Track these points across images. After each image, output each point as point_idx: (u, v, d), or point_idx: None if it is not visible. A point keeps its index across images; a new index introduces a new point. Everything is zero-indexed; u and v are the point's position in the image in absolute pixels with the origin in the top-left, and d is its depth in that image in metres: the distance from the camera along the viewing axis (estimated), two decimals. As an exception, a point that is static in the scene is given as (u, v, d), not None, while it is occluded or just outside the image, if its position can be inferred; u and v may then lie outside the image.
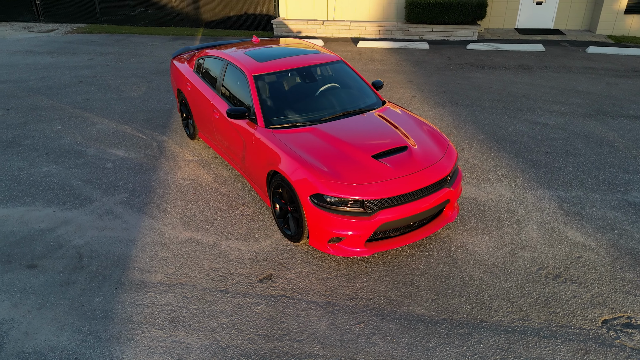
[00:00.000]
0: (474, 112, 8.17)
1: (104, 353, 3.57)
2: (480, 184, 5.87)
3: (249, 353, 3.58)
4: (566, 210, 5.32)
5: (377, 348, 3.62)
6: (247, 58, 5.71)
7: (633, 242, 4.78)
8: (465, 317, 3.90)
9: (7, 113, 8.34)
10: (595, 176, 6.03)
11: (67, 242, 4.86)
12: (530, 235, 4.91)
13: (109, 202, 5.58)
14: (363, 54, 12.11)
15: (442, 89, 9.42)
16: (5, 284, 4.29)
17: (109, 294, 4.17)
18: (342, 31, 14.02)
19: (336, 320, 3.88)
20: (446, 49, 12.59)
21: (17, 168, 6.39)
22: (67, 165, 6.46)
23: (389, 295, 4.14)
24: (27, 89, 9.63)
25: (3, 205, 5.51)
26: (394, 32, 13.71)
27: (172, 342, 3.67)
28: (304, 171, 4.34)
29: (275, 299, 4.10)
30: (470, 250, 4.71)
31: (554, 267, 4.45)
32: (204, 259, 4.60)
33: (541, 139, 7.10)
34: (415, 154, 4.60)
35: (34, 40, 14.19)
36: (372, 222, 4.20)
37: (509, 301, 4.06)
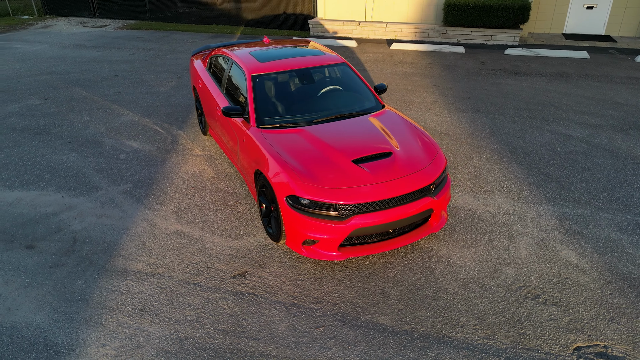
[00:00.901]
0: (494, 120, 7.88)
1: (71, 334, 3.78)
2: (481, 195, 5.66)
3: (205, 347, 3.66)
4: (566, 228, 5.04)
5: (330, 354, 3.60)
6: (250, 58, 5.81)
7: (632, 266, 4.46)
8: (429, 330, 3.81)
9: (44, 102, 8.92)
10: (609, 194, 5.67)
11: (67, 227, 5.16)
12: (520, 251, 4.69)
13: (113, 191, 5.86)
14: (394, 56, 11.95)
15: (467, 94, 9.15)
16: (3, 261, 4.62)
17: (90, 278, 4.39)
18: (378, 32, 13.90)
19: (297, 322, 3.90)
20: (482, 53, 12.19)
21: (40, 154, 6.84)
22: (85, 154, 6.84)
23: (356, 302, 4.10)
24: (67, 80, 10.26)
25: (19, 189, 5.92)
26: (431, 34, 13.43)
27: (136, 330, 3.82)
28: (282, 172, 4.38)
29: (243, 296, 4.17)
30: (452, 262, 4.57)
31: (536, 286, 4.24)
32: (186, 252, 4.74)
33: (560, 152, 6.74)
34: (398, 160, 4.52)
35: (86, 34, 15.06)
36: (345, 226, 4.18)
37: (478, 318, 3.92)
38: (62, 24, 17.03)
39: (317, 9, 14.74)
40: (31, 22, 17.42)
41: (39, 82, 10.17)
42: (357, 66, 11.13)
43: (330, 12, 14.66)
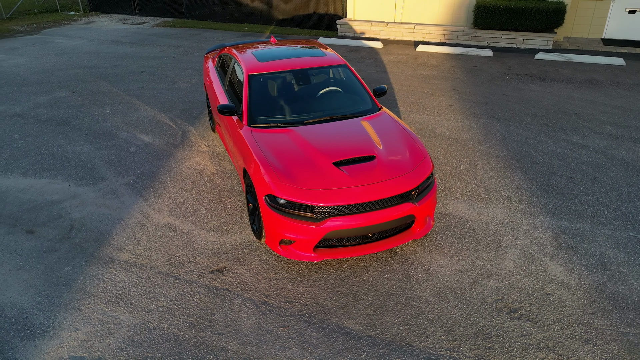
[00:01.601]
0: (508, 127, 7.64)
1: (49, 317, 3.97)
2: (477, 204, 5.52)
3: (170, 338, 3.77)
4: (560, 242, 4.84)
5: (289, 354, 3.62)
6: (251, 57, 5.90)
7: (622, 286, 4.24)
8: (393, 337, 3.76)
9: (71, 95, 9.37)
10: (615, 209, 5.39)
11: (67, 214, 5.42)
12: (505, 264, 4.55)
13: (117, 182, 6.09)
14: (418, 58, 11.78)
15: (485, 99, 8.91)
16: (3, 244, 4.91)
17: (78, 265, 4.60)
18: (406, 34, 13.73)
19: (263, 320, 3.94)
20: (511, 57, 11.82)
21: (57, 144, 7.20)
22: (98, 145, 7.15)
23: (326, 304, 4.10)
24: (97, 74, 10.72)
25: (32, 176, 6.26)
26: (460, 37, 13.14)
27: (109, 317, 3.97)
28: (263, 171, 4.44)
29: (217, 291, 4.25)
30: (432, 270, 4.48)
31: (514, 300, 4.10)
32: (171, 245, 4.88)
33: (571, 162, 6.46)
34: (380, 164, 4.47)
35: (124, 31, 15.67)
36: (320, 228, 4.18)
37: (446, 329, 3.83)
38: (103, 20, 17.79)
39: (347, 9, 14.73)
40: (76, 18, 18.29)
41: (71, 75, 10.69)
42: (378, 67, 11.05)
43: (359, 13, 14.61)
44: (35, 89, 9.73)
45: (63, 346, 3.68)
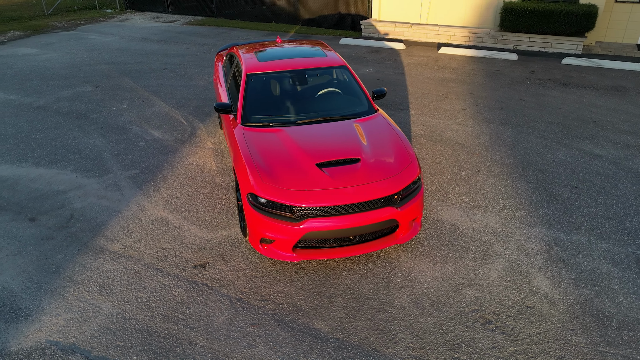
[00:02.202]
0: (519, 134, 7.42)
1: (35, 301, 4.16)
2: (472, 211, 5.40)
3: (143, 328, 3.88)
4: (552, 255, 4.68)
5: (254, 351, 3.66)
6: (252, 57, 5.97)
7: (610, 304, 4.06)
8: (360, 341, 3.74)
9: (94, 90, 9.73)
10: (617, 222, 5.16)
11: (69, 204, 5.64)
12: (489, 274, 4.44)
13: (121, 175, 6.30)
14: (439, 61, 11.59)
15: (500, 104, 8.68)
16: (6, 230, 5.17)
17: (70, 253, 4.79)
18: (430, 35, 13.53)
19: (235, 316, 4.00)
20: (536, 61, 11.46)
21: (72, 137, 7.50)
22: (110, 139, 7.40)
23: (300, 304, 4.12)
24: (121, 70, 11.09)
25: (44, 166, 6.55)
26: (485, 39, 12.84)
27: (89, 304, 4.12)
28: (247, 169, 4.50)
29: (196, 286, 4.34)
30: (412, 276, 4.43)
31: (492, 312, 4.00)
32: (161, 238, 5.01)
33: (579, 172, 6.22)
34: (364, 167, 4.45)
35: (155, 29, 16.12)
36: (298, 229, 4.20)
37: (416, 336, 3.78)
38: (137, 18, 18.35)
39: (372, 10, 14.64)
40: (112, 15, 18.94)
41: (97, 71, 11.09)
42: (396, 69, 10.95)
43: (385, 13, 14.50)
44: (61, 83, 10.15)
45: (42, 330, 3.85)
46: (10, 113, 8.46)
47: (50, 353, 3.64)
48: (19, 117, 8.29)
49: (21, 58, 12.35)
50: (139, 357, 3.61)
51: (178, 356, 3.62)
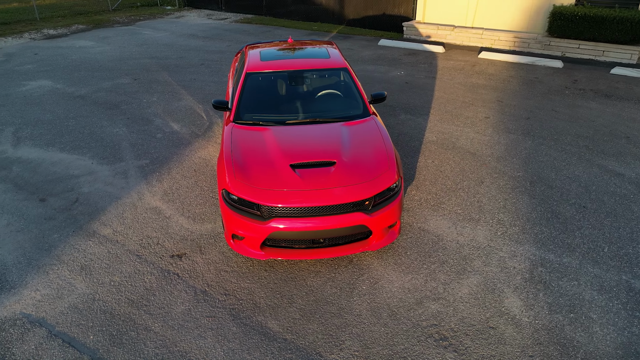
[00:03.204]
0: (539, 146, 7.04)
1: (21, 275, 4.50)
2: (462, 223, 5.21)
3: (107, 310, 4.09)
4: (533, 275, 4.42)
5: (202, 343, 3.76)
6: (257, 56, 6.09)
7: (581, 333, 3.79)
8: (307, 344, 3.74)
9: (132, 82, 10.29)
10: (619, 247, 4.78)
11: (78, 188, 6.03)
12: (460, 289, 4.27)
13: (131, 164, 6.64)
14: (476, 66, 11.19)
15: (528, 114, 8.26)
16: (17, 207, 5.61)
17: (65, 234, 5.13)
18: (473, 39, 13.07)
19: (195, 307, 4.12)
20: (583, 70, 10.76)
21: (99, 125, 7.98)
22: (133, 129, 7.81)
23: (260, 302, 4.17)
24: (162, 65, 11.63)
25: (67, 152, 7.03)
26: (532, 45, 12.22)
27: (67, 283, 4.40)
28: (224, 166, 4.61)
29: (167, 275, 4.51)
30: (379, 285, 4.35)
31: (450, 328, 3.86)
32: (149, 227, 5.24)
33: (593, 190, 5.82)
34: (338, 171, 4.42)
35: (204, 26, 16.73)
36: (265, 227, 4.26)
37: (364, 345, 3.72)
38: (192, 15, 19.12)
39: (416, 12, 14.37)
40: (169, 12, 19.86)
41: (140, 64, 11.70)
42: (429, 73, 10.69)
43: (429, 15, 14.18)
44: (105, 75, 10.81)
45: (19, 302, 4.16)
46: (53, 101, 9.13)
47: (20, 324, 3.93)
48: (59, 104, 8.92)
49: (77, 50, 13.25)
50: (96, 337, 3.81)
51: (131, 340, 3.79)
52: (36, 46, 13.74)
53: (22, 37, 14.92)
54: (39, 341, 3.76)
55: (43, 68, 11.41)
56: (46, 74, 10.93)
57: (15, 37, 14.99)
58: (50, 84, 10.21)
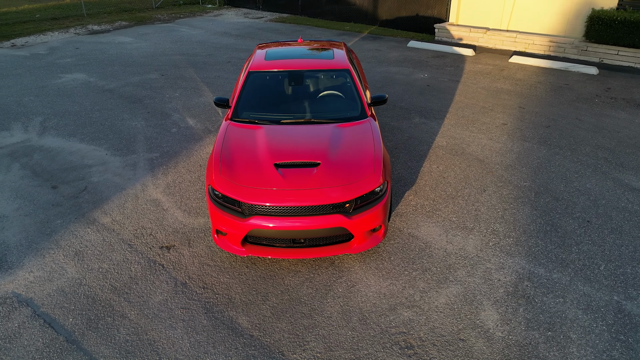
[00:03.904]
0: (553, 155, 6.76)
1: (20, 257, 4.77)
2: (455, 231, 5.09)
3: (90, 296, 4.28)
4: (517, 289, 4.27)
5: (171, 333, 3.87)
6: (262, 55, 6.17)
7: (555, 352, 3.62)
8: (271, 342, 3.77)
9: (159, 78, 10.64)
10: (616, 266, 4.54)
11: (88, 177, 6.32)
12: (437, 298, 4.18)
13: (142, 157, 6.88)
14: (505, 70, 10.85)
15: (549, 122, 7.94)
16: (30, 193, 5.94)
17: (67, 220, 5.39)
18: (506, 43, 12.67)
19: (172, 298, 4.24)
20: (619, 78, 10.22)
21: (121, 118, 8.32)
22: (150, 123, 8.09)
23: (235, 298, 4.25)
24: (190, 62, 11.96)
25: (86, 142, 7.37)
26: (567, 50, 11.72)
27: (59, 267, 4.63)
28: (212, 162, 4.71)
29: (153, 265, 4.66)
30: (355, 288, 4.33)
31: (419, 337, 3.79)
32: (146, 218, 5.43)
33: (601, 205, 5.54)
34: (320, 172, 4.43)
35: (239, 24, 17.05)
36: (245, 224, 4.32)
37: (328, 347, 3.72)
38: (230, 13, 19.52)
39: (450, 13, 14.07)
40: (209, 10, 20.36)
41: (170, 60, 12.08)
42: (453, 76, 10.46)
43: (463, 17, 13.86)
44: (135, 70, 11.24)
45: (13, 282, 4.42)
46: (82, 93, 9.59)
47: (9, 302, 4.17)
48: (88, 97, 9.36)
49: (116, 45, 13.83)
50: (75, 320, 4.00)
51: (106, 325, 3.95)
52: (79, 41, 14.44)
53: (68, 32, 15.72)
54: (22, 320, 3.98)
55: (81, 62, 11.99)
56: (82, 67, 11.48)
57: (62, 31, 15.81)
58: (84, 77, 10.71)
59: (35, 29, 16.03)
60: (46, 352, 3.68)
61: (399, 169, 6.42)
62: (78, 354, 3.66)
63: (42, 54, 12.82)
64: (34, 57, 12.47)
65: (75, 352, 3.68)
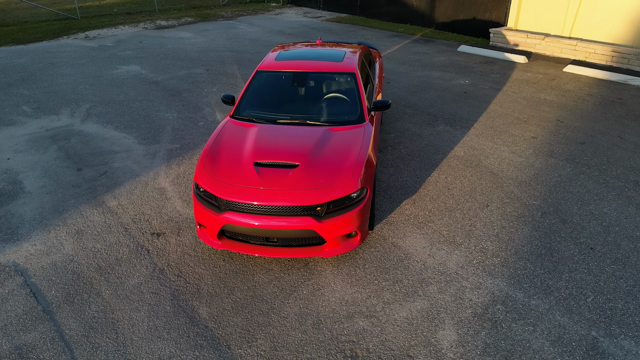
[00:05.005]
0: (577, 175, 6.29)
1: (30, 230, 5.25)
2: (441, 245, 4.93)
3: (76, 272, 4.63)
4: (487, 312, 4.06)
5: (134, 315, 4.11)
6: (274, 55, 6.30)
7: (504, 383, 3.43)
8: (222, 335, 3.89)
9: (204, 73, 11.13)
10: (607, 300, 4.18)
11: (111, 163, 6.79)
12: (398, 312, 4.09)
13: (163, 147, 7.28)
14: (555, 80, 10.19)
15: (586, 138, 7.39)
16: (57, 173, 6.50)
17: (80, 201, 5.85)
18: (565, 51, 11.88)
19: (146, 282, 4.49)
20: (685, 94, 9.25)
21: (156, 109, 8.83)
22: (182, 115, 8.51)
23: (203, 288, 4.41)
24: (237, 58, 12.38)
25: (119, 130, 7.92)
26: (632, 61, 10.77)
27: (59, 243, 5.05)
28: (200, 158, 4.91)
29: (140, 250, 4.95)
30: (320, 292, 4.33)
31: (366, 349, 3.74)
32: (148, 205, 5.75)
33: (613, 232, 5.10)
34: (297, 174, 4.48)
35: (295, 23, 17.35)
36: (219, 218, 4.48)
37: (273, 347, 3.77)
38: (291, 12, 19.90)
39: (508, 17, 13.42)
40: (272, 9, 20.88)
41: (219, 56, 12.58)
42: (495, 84, 10.00)
43: (523, 22, 13.17)
44: (184, 64, 11.83)
45: (16, 253, 4.88)
46: (131, 84, 10.27)
47: (7, 270, 4.62)
48: (135, 87, 10.01)
49: (176, 40, 14.62)
50: (56, 292, 4.35)
51: (81, 300, 4.26)
52: (144, 35, 15.42)
53: (137, 27, 16.82)
54: (13, 287, 4.40)
55: (139, 55, 12.81)
56: (139, 60, 12.27)
57: (132, 26, 16.95)
58: (137, 69, 11.45)
59: (110, 23, 17.31)
60: (23, 319, 4.05)
61: (405, 177, 6.28)
62: (48, 324, 3.99)
63: (109, 46, 13.83)
64: (100, 49, 13.50)
65: (46, 322, 4.01)
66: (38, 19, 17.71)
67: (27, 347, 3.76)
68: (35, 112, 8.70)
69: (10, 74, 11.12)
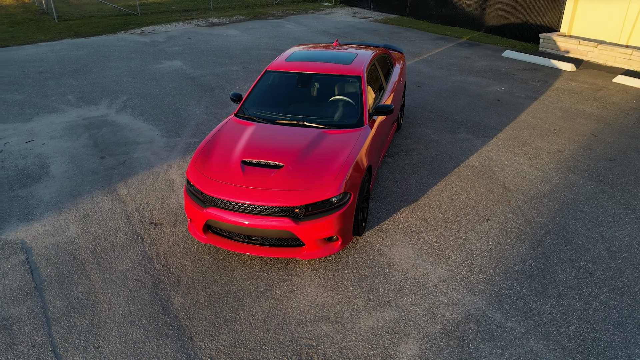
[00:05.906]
0: (596, 194, 5.89)
1: (44, 211, 5.66)
2: (428, 257, 4.80)
3: (73, 253, 4.94)
4: (457, 330, 3.92)
5: (114, 299, 4.32)
6: (285, 56, 6.37)
7: (454, 405, 3.30)
8: (189, 326, 4.01)
9: (240, 70, 11.42)
10: (591, 329, 3.90)
11: (132, 153, 7.16)
12: (365, 320, 4.04)
13: (183, 140, 7.57)
14: (601, 91, 9.55)
15: (617, 155, 6.89)
16: (82, 159, 6.94)
17: (94, 187, 6.21)
18: (619, 60, 11.09)
19: (132, 270, 4.70)
20: None
21: (186, 104, 9.18)
22: (208, 111, 8.80)
23: (183, 279, 4.57)
24: (275, 57, 12.57)
25: (148, 122, 8.31)
26: (693, 74, 9.88)
27: (66, 226, 5.40)
28: (195, 154, 5.07)
29: (135, 238, 5.19)
30: (292, 293, 4.36)
31: (324, 354, 3.72)
32: (155, 195, 6.02)
33: (619, 258, 4.74)
34: (280, 174, 4.52)
35: (343, 23, 17.35)
36: (203, 213, 4.62)
37: (233, 343, 3.85)
38: (340, 12, 19.92)
39: (562, 22, 12.72)
40: (323, 8, 20.99)
41: (258, 54, 12.85)
42: (533, 93, 9.52)
43: (577, 28, 12.43)
44: (224, 61, 12.19)
45: (26, 232, 5.28)
46: (170, 78, 10.73)
47: (14, 247, 5.01)
48: (172, 82, 10.46)
49: (222, 37, 15.09)
50: (51, 271, 4.67)
51: (70, 281, 4.55)
52: (194, 31, 16.02)
53: (190, 23, 17.50)
54: (15, 263, 4.77)
55: (185, 51, 13.34)
56: (183, 56, 12.78)
57: (186, 22, 17.65)
58: (179, 64, 11.94)
59: (166, 19, 18.13)
60: (16, 293, 4.38)
61: (410, 184, 6.15)
62: (36, 301, 4.29)
63: (159, 42, 14.51)
64: (151, 44, 14.18)
65: (35, 299, 4.31)
66: (102, 14, 18.88)
67: (12, 320, 4.07)
68: (78, 101, 9.31)
69: (65, 65, 11.95)
